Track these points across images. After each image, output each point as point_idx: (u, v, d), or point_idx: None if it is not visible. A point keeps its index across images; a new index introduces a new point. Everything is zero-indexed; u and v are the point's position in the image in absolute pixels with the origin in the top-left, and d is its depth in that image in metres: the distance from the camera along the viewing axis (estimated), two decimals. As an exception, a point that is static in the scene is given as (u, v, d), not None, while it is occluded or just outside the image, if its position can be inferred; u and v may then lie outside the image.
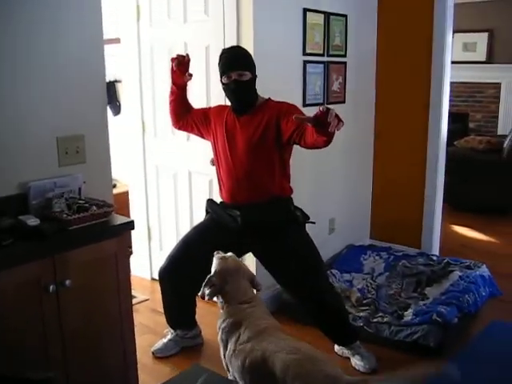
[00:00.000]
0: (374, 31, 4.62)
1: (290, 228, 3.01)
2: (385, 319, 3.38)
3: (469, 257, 4.47)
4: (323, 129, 2.40)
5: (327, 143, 2.60)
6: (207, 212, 3.20)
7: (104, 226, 2.34)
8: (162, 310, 3.79)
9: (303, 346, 2.16)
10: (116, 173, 2.83)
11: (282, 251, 2.97)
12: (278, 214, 2.99)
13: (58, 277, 2.13)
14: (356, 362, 3.12)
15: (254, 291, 2.49)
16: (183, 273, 3.07)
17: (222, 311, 2.40)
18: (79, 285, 2.21)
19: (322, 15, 3.98)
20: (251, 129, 2.92)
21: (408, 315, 3.42)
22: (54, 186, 2.43)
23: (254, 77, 2.96)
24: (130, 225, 2.41)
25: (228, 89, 2.94)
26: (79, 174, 2.56)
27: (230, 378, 2.31)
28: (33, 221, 2.19)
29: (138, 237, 4.20)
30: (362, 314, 3.44)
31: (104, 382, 2.39)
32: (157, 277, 4.33)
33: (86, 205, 2.37)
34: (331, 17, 4.07)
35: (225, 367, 2.37)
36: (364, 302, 3.60)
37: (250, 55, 2.98)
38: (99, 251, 2.28)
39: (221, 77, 2.95)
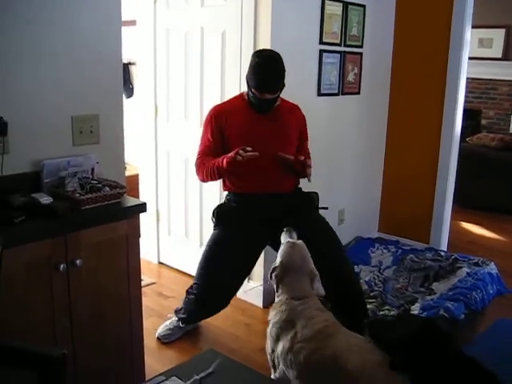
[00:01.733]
0: (391, 23, 4.58)
1: (313, 211, 3.12)
2: (391, 312, 3.37)
3: (477, 254, 4.45)
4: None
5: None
6: (218, 219, 3.05)
7: (116, 208, 2.34)
8: (167, 293, 3.82)
9: (372, 347, 2.11)
10: (127, 156, 2.82)
11: (310, 225, 2.98)
12: (302, 200, 3.09)
13: (68, 256, 2.13)
14: None
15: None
16: (212, 291, 3.02)
17: (275, 302, 2.40)
18: (89, 265, 2.21)
19: (341, 4, 3.94)
20: (278, 124, 2.97)
21: (415, 309, 3.41)
22: (68, 165, 2.43)
23: (283, 87, 2.90)
24: (142, 207, 2.41)
25: (256, 100, 2.87)
26: (93, 154, 2.55)
27: (275, 375, 2.32)
28: (46, 199, 2.18)
29: (146, 220, 4.20)
30: (368, 306, 3.42)
31: (110, 363, 2.40)
32: (164, 261, 4.39)
33: (99, 185, 2.37)
34: (349, 6, 4.03)
35: (270, 363, 2.36)
36: (371, 294, 3.59)
37: (284, 69, 2.83)
38: (110, 232, 2.28)
39: (251, 86, 2.84)
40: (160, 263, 4.41)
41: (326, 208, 3.19)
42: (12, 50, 2.24)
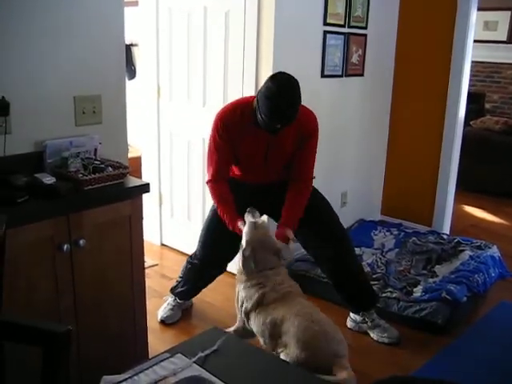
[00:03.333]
0: (396, 4, 4.53)
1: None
2: (394, 294, 3.38)
3: (479, 237, 4.45)
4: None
5: None
6: None
7: (119, 188, 2.33)
8: (170, 275, 3.83)
9: (322, 319, 2.31)
10: (129, 137, 2.82)
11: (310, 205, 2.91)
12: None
13: (72, 236, 2.13)
14: (379, 335, 3.14)
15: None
16: (212, 260, 3.12)
17: (244, 276, 2.51)
18: (93, 245, 2.21)
19: (345, -15, 3.90)
20: (284, 141, 2.77)
21: (417, 292, 3.42)
22: (70, 146, 2.42)
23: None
24: (145, 187, 2.40)
25: (264, 125, 2.60)
26: (95, 135, 2.54)
27: (236, 326, 2.59)
28: (48, 179, 2.18)
29: (148, 202, 4.20)
30: (371, 288, 3.44)
31: (113, 343, 2.41)
32: (166, 243, 4.39)
33: (102, 165, 2.36)
34: (354, -13, 3.98)
35: (238, 315, 2.58)
36: (373, 276, 3.59)
37: (300, 98, 2.56)
38: (114, 213, 2.28)
39: (261, 111, 2.54)
40: (163, 245, 4.42)
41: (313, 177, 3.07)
42: (14, 30, 2.22)
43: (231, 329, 2.60)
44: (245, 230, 2.58)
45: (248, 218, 2.62)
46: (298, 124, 2.69)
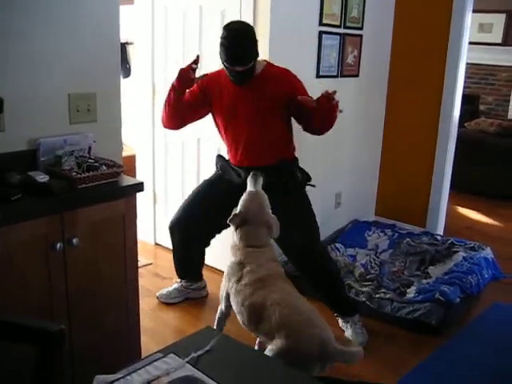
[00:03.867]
0: (392, 5, 4.54)
1: (292, 189, 3.03)
2: (387, 295, 3.38)
3: (473, 239, 4.46)
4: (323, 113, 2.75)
5: (329, 128, 2.96)
6: (216, 167, 3.23)
7: (113, 187, 2.32)
8: (164, 274, 3.82)
9: (305, 306, 2.29)
10: (123, 136, 2.81)
11: (284, 210, 2.81)
12: (282, 176, 2.98)
13: (65, 235, 2.11)
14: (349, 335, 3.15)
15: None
16: (193, 225, 3.20)
17: (232, 245, 2.56)
18: (86, 244, 2.20)
19: (341, -15, 3.90)
20: (260, 97, 2.91)
21: (411, 292, 3.42)
22: (64, 144, 2.41)
23: (256, 57, 2.84)
24: (139, 186, 2.39)
25: (230, 74, 2.86)
26: (90, 133, 2.53)
27: (221, 307, 2.65)
28: (42, 177, 2.16)
29: (143, 202, 4.18)
30: (364, 289, 3.45)
31: (106, 342, 2.39)
32: (160, 242, 4.39)
33: (96, 164, 2.35)
34: (350, -12, 3.99)
35: (220, 297, 2.63)
36: (367, 277, 3.60)
37: (254, 40, 2.79)
38: (107, 211, 2.27)
39: (222, 60, 2.82)
40: (157, 244, 4.41)
41: (314, 186, 3.15)
42: (8, 28, 2.21)
43: (218, 310, 2.69)
44: (243, 197, 2.60)
45: (249, 184, 2.64)
46: (278, 79, 2.92)
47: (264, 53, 3.45)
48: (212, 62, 3.67)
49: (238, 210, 2.57)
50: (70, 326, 2.20)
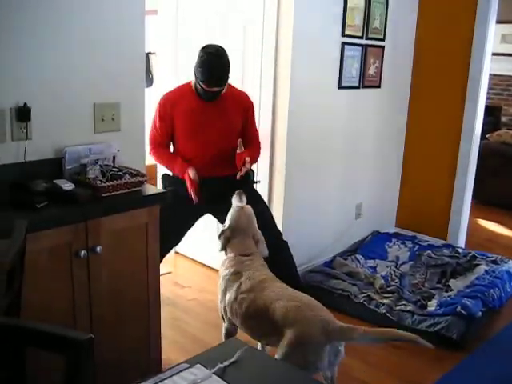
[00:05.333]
0: (414, 16, 4.53)
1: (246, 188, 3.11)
2: (408, 308, 3.35)
3: (495, 252, 4.41)
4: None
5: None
6: (165, 185, 3.26)
7: (136, 196, 2.34)
8: (183, 283, 3.84)
9: (300, 295, 2.41)
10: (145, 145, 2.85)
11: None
12: (238, 184, 3.07)
13: (89, 243, 2.14)
14: None
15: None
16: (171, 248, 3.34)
17: (225, 259, 2.66)
18: (109, 252, 2.22)
19: (364, -3, 3.91)
20: (224, 113, 3.10)
21: (432, 305, 3.39)
22: (89, 153, 2.43)
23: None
24: (162, 196, 2.41)
25: (204, 92, 3.00)
26: (114, 142, 2.56)
27: (225, 326, 2.65)
28: (68, 185, 2.19)
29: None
30: (385, 301, 3.42)
31: (128, 350, 2.41)
32: (180, 251, 4.39)
33: (120, 173, 2.37)
34: (372, -1, 3.99)
35: (220, 314, 2.65)
36: (388, 289, 3.57)
37: (229, 64, 2.96)
38: (131, 220, 2.29)
39: (198, 79, 2.95)
40: (176, 253, 4.42)
41: (258, 181, 3.46)
42: (36, 37, 2.25)
43: (222, 330, 2.69)
44: (230, 212, 2.73)
45: (235, 201, 2.78)
46: (238, 99, 3.17)
47: (286, 64, 3.47)
48: (233, 76, 3.71)
49: (226, 224, 2.70)
50: (93, 333, 2.21)
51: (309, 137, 3.76)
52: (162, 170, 4.38)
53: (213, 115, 3.07)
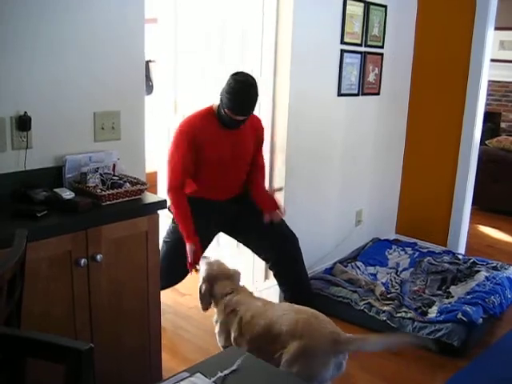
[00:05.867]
0: (413, 24, 4.55)
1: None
2: (408, 315, 3.34)
3: (494, 257, 4.42)
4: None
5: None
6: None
7: (137, 204, 2.34)
8: (184, 291, 3.83)
9: (305, 308, 2.44)
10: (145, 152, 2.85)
11: (258, 215, 3.16)
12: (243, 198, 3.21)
13: (89, 251, 2.14)
14: None
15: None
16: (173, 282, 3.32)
17: (215, 309, 2.66)
18: (110, 260, 2.22)
19: (362, 4, 3.92)
20: (243, 140, 3.09)
21: (432, 312, 3.39)
22: (89, 161, 2.44)
23: None
24: (162, 204, 2.41)
25: (228, 119, 2.93)
26: (114, 150, 2.57)
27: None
28: (68, 194, 2.20)
29: (163, 219, 4.20)
30: (385, 308, 3.41)
31: (127, 358, 2.40)
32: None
33: (120, 181, 2.38)
34: (371, 6, 4.01)
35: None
36: (388, 296, 3.57)
37: (258, 94, 2.90)
38: (131, 228, 2.29)
39: (225, 106, 2.87)
40: (176, 260, 4.42)
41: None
42: (36, 47, 2.26)
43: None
44: (201, 268, 2.76)
45: (202, 264, 2.79)
46: (255, 125, 3.16)
47: (286, 71, 3.48)
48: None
49: (200, 279, 2.72)
50: (93, 341, 2.22)
51: (308, 144, 3.76)
52: (163, 187, 4.41)
53: (232, 142, 3.05)
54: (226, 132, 3.01)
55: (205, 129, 2.98)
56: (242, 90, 2.83)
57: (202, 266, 2.77)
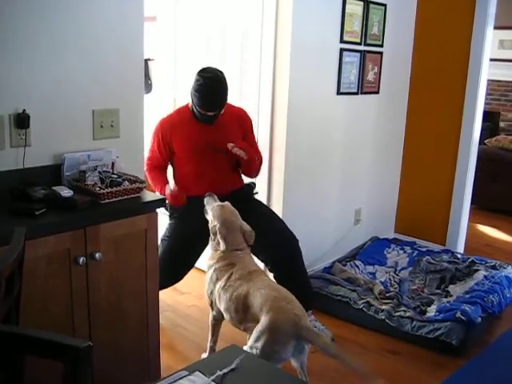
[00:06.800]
0: (412, 22, 4.55)
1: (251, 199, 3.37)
2: (407, 313, 3.34)
3: (494, 257, 4.42)
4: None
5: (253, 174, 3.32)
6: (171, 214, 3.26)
7: (136, 202, 2.34)
8: (183, 289, 3.83)
9: (281, 288, 2.58)
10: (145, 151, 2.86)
11: (257, 213, 3.21)
12: (240, 198, 3.20)
13: (88, 249, 2.13)
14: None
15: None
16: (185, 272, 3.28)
17: (215, 253, 2.77)
18: (108, 259, 2.22)
19: (362, 3, 3.92)
20: (223, 132, 3.12)
21: (431, 311, 3.39)
22: (88, 159, 2.44)
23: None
24: (161, 202, 2.41)
25: (200, 115, 3.04)
26: (113, 149, 2.56)
27: (212, 313, 2.81)
28: (66, 192, 2.19)
29: (162, 217, 4.20)
30: (384, 307, 3.41)
31: (126, 357, 2.40)
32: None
33: (119, 179, 2.38)
34: (370, 5, 4.00)
35: (208, 302, 2.79)
36: (387, 295, 3.57)
37: (227, 89, 2.98)
38: (130, 227, 2.28)
39: (195, 104, 3.00)
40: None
41: (256, 193, 3.48)
42: (35, 45, 2.25)
43: (210, 317, 2.86)
44: (214, 213, 2.79)
45: (210, 201, 2.88)
46: (235, 116, 3.19)
47: (285, 70, 3.48)
48: (232, 82, 3.72)
49: (216, 223, 2.76)
50: (91, 339, 2.21)
51: (307, 142, 3.76)
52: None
53: (210, 136, 3.10)
54: (204, 126, 3.08)
55: (180, 124, 3.12)
56: (210, 86, 2.91)
57: (216, 209, 2.79)
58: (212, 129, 3.11)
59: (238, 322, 2.60)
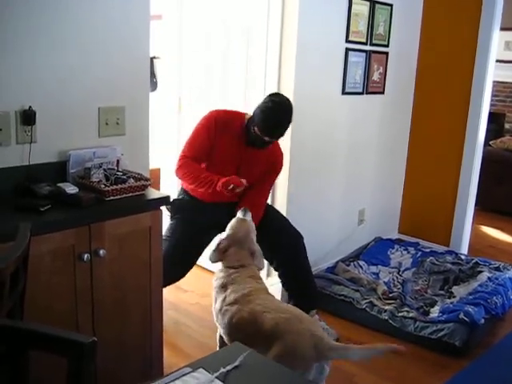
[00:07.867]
0: (418, 23, 4.54)
1: None
2: (410, 314, 3.34)
3: (497, 258, 4.41)
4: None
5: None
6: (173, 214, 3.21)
7: (140, 199, 2.34)
8: (186, 287, 3.83)
9: (290, 307, 2.42)
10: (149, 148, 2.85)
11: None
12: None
13: (92, 246, 2.14)
14: None
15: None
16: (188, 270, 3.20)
17: (217, 271, 2.67)
18: (113, 256, 2.22)
19: (368, 3, 3.92)
20: (256, 162, 3.07)
21: (434, 312, 3.38)
22: (93, 156, 2.44)
23: None
24: (166, 200, 2.42)
25: (254, 138, 2.92)
26: (118, 146, 2.57)
27: (219, 331, 2.63)
28: (71, 189, 2.20)
29: (167, 216, 4.21)
30: (387, 307, 3.41)
31: (129, 354, 2.41)
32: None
33: (124, 177, 2.38)
34: (376, 5, 4.00)
35: (214, 319, 2.62)
36: (390, 295, 3.57)
37: (291, 120, 2.88)
38: (134, 224, 2.29)
39: (255, 124, 2.85)
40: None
41: None
42: (41, 42, 2.26)
43: (217, 335, 2.71)
44: (231, 222, 2.76)
45: (239, 214, 2.80)
46: (273, 157, 3.10)
47: (290, 69, 3.48)
48: (237, 80, 3.73)
49: (225, 234, 2.72)
50: (95, 335, 2.21)
51: (312, 142, 3.76)
52: (166, 184, 4.41)
53: (244, 157, 3.03)
54: (243, 146, 2.99)
55: (231, 128, 2.99)
56: (277, 111, 2.81)
57: (234, 220, 2.76)
58: (247, 153, 3.03)
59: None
